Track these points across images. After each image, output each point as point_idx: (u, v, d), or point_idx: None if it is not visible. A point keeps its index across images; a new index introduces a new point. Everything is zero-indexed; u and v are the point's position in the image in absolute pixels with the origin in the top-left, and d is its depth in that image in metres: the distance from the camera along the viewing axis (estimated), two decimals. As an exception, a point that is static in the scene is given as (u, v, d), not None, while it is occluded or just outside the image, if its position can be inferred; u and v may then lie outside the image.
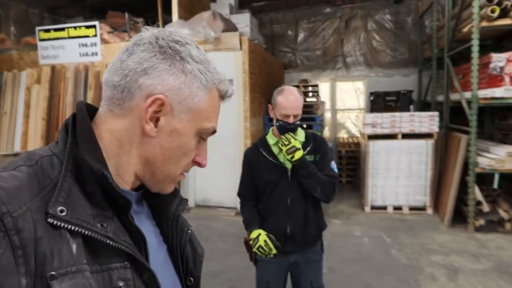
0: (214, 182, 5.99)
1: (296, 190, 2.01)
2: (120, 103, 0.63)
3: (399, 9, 8.22)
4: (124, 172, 0.66)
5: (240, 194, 2.19)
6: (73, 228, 0.54)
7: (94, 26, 5.86)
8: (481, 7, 4.56)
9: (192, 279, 0.78)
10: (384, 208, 5.79)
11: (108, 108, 0.64)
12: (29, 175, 0.55)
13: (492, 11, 4.46)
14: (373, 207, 5.83)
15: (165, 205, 0.77)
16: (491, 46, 5.75)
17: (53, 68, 6.24)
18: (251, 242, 1.98)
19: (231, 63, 5.60)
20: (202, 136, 0.70)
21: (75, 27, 5.93)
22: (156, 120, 0.63)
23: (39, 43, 6.27)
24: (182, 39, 0.65)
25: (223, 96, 0.71)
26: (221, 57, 5.58)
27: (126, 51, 0.64)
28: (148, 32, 0.65)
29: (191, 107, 0.65)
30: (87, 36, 5.88)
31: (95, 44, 5.90)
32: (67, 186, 0.56)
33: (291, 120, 1.93)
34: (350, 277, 3.66)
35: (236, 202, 5.50)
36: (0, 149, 6.25)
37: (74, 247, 0.54)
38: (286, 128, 1.95)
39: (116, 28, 6.70)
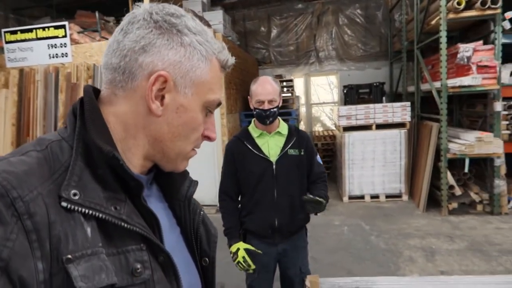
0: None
1: (281, 183, 2.02)
2: (123, 85, 0.62)
3: (369, 4, 8.41)
4: (132, 156, 0.64)
5: (223, 191, 2.13)
6: (87, 211, 0.54)
7: (63, 27, 5.69)
8: (447, 0, 4.74)
9: (207, 259, 0.78)
10: (362, 197, 5.94)
11: (111, 92, 0.63)
12: (39, 159, 0.54)
13: (459, 3, 4.65)
14: (350, 197, 5.97)
15: (176, 187, 0.76)
16: (458, 37, 5.99)
17: (21, 71, 6.03)
18: (231, 255, 2.00)
19: (206, 60, 5.57)
20: (209, 109, 0.68)
21: (43, 28, 5.74)
22: (161, 98, 0.62)
23: (6, 46, 6.03)
24: (176, 11, 0.64)
25: (224, 66, 0.69)
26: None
27: (121, 31, 0.62)
28: (141, 9, 0.63)
29: (194, 80, 0.63)
30: (56, 37, 5.70)
31: (65, 45, 5.72)
32: (78, 169, 0.56)
33: (266, 106, 1.95)
34: (331, 265, 3.74)
35: (215, 199, 5.50)
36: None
37: (88, 230, 0.54)
38: (262, 116, 1.97)
39: (86, 28, 6.54)
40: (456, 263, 3.62)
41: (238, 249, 1.99)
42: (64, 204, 0.52)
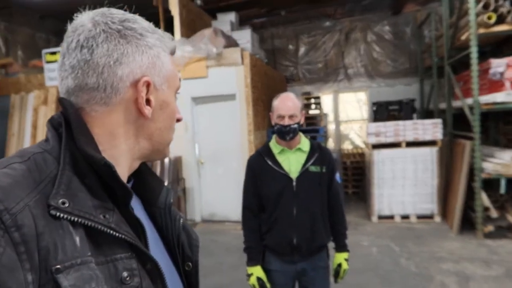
0: (220, 196, 6.00)
1: (301, 200, 1.98)
2: (106, 101, 0.62)
3: (397, 21, 8.33)
4: (118, 165, 0.64)
5: (246, 206, 2.12)
6: (76, 219, 0.53)
7: (99, 47, 6.00)
8: (477, 15, 4.62)
9: (190, 264, 0.79)
10: (391, 217, 5.74)
11: (90, 110, 0.62)
12: (23, 171, 0.54)
13: (489, 18, 4.52)
14: (380, 217, 5.78)
15: (155, 195, 0.78)
16: (490, 52, 5.79)
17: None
18: (246, 274, 2.08)
19: (233, 78, 5.68)
20: (177, 93, 0.74)
21: (80, 49, 6.06)
22: (149, 102, 0.65)
23: (46, 65, 6.42)
24: (127, 15, 0.65)
25: (172, 52, 0.73)
26: (223, 72, 5.68)
27: (82, 48, 0.60)
28: (84, 19, 0.62)
29: (165, 74, 0.68)
30: (92, 57, 6.01)
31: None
32: (66, 179, 0.56)
33: (286, 121, 1.95)
34: (357, 287, 3.61)
35: (242, 215, 5.50)
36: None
37: (77, 239, 0.53)
38: (282, 131, 1.97)
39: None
40: (492, 290, 3.40)
41: (252, 274, 2.04)
42: (53, 212, 0.52)
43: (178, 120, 0.75)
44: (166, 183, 0.85)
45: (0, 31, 7.57)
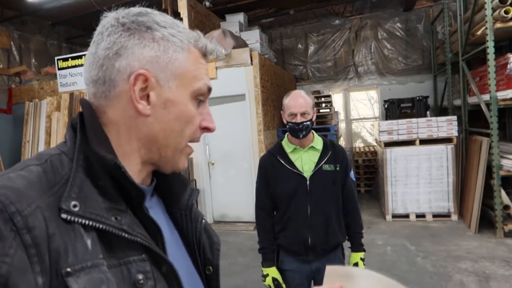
0: (231, 196, 5.98)
1: (315, 199, 1.95)
2: (106, 94, 0.62)
3: (409, 17, 8.20)
4: (130, 163, 0.64)
5: (260, 206, 2.09)
6: (87, 222, 0.53)
7: (109, 51, 6.06)
8: (493, 9, 4.50)
9: (211, 268, 0.77)
10: (406, 216, 5.64)
11: (98, 104, 0.63)
12: (39, 173, 0.54)
13: (506, 12, 4.40)
14: (394, 216, 5.68)
15: (177, 197, 0.76)
16: (508, 47, 5.65)
17: (71, 94, 6.44)
18: (262, 274, 2.07)
19: (242, 78, 5.66)
20: (199, 98, 0.67)
21: (91, 53, 6.14)
22: (146, 97, 0.61)
23: (58, 72, 6.51)
24: (143, 10, 0.63)
25: (204, 53, 0.68)
26: (232, 73, 5.67)
27: (93, 43, 0.63)
28: (107, 17, 0.63)
29: (175, 72, 0.63)
30: (103, 61, 6.07)
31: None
32: (78, 181, 0.55)
33: (298, 119, 1.91)
34: (374, 287, 3.54)
35: (254, 216, 5.46)
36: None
37: (89, 242, 0.53)
38: (295, 129, 1.93)
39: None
40: (514, 290, 3.30)
41: (268, 275, 2.03)
42: (63, 216, 0.52)
43: (205, 128, 0.70)
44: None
45: (13, 40, 7.70)
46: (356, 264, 2.06)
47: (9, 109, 7.16)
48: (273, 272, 2.02)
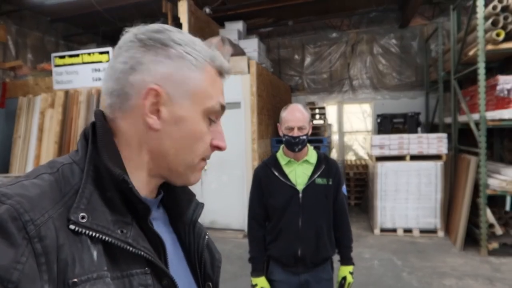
0: (222, 203, 5.98)
1: (307, 212, 1.97)
2: (120, 106, 0.63)
3: (404, 34, 8.36)
4: (139, 175, 0.65)
5: (252, 217, 2.11)
6: (94, 234, 0.55)
7: (107, 52, 6.06)
8: (486, 31, 4.63)
9: (210, 284, 0.77)
10: (394, 230, 5.71)
11: (112, 116, 0.65)
12: (51, 182, 0.56)
13: (498, 35, 4.53)
14: (382, 230, 5.75)
15: (182, 211, 0.76)
16: (498, 69, 5.79)
17: (66, 92, 6.41)
18: (251, 286, 2.09)
19: (239, 86, 5.71)
20: (211, 117, 0.68)
21: (89, 53, 6.13)
22: (157, 112, 0.63)
23: (54, 69, 6.47)
24: (161, 27, 0.65)
25: (221, 72, 0.69)
26: (229, 80, 5.62)
27: (113, 57, 0.65)
28: (128, 33, 0.66)
29: (189, 90, 0.64)
30: (100, 62, 6.07)
31: (107, 69, 6.07)
32: (88, 192, 0.57)
33: (295, 133, 1.94)
34: (360, 300, 3.58)
35: (244, 224, 5.47)
36: (13, 172, 6.36)
37: (95, 253, 0.54)
38: (291, 143, 1.96)
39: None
40: (496, 309, 3.36)
41: (257, 284, 2.04)
42: (72, 227, 0.53)
43: (216, 147, 0.71)
44: None
45: (11, 34, 7.66)
46: (344, 278, 2.09)
47: (2, 103, 7.09)
48: (262, 282, 2.04)
